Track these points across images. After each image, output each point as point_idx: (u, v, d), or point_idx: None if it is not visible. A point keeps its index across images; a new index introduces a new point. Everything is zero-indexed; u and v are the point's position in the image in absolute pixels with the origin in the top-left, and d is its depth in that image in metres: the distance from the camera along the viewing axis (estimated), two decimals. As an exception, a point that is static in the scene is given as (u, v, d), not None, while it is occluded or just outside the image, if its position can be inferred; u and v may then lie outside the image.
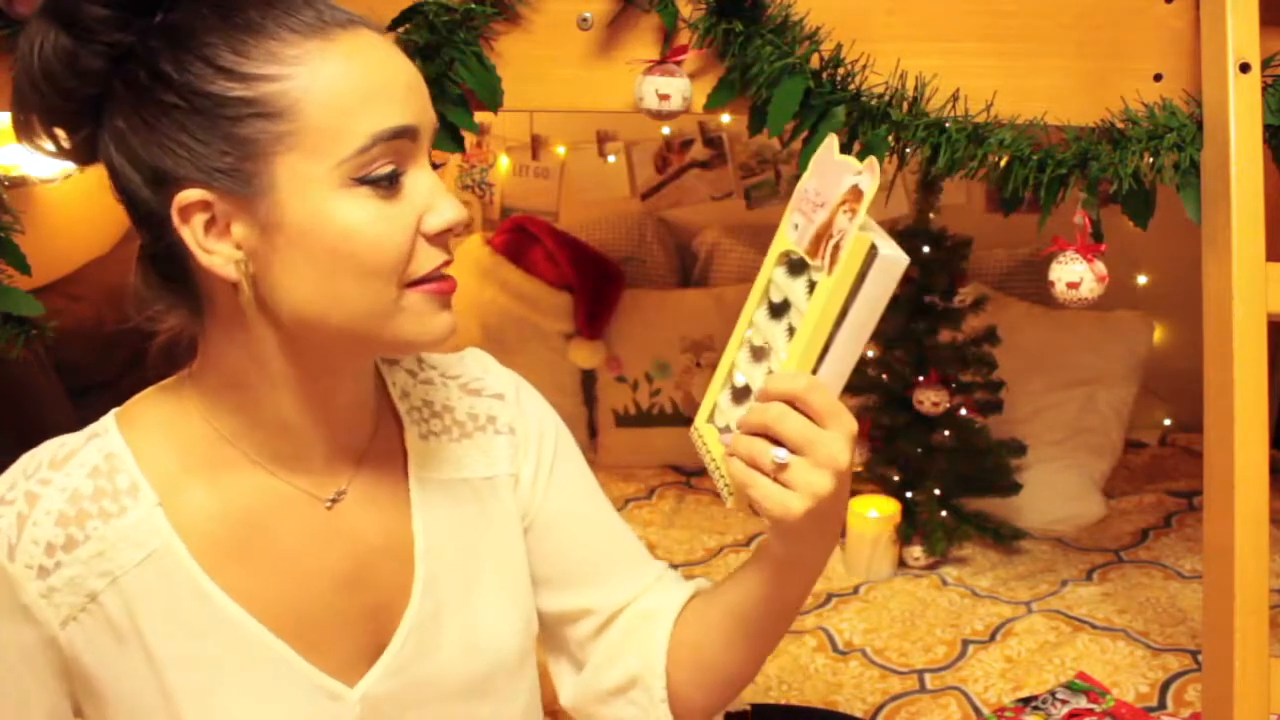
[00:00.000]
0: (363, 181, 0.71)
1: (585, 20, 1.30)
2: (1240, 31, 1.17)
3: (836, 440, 0.72)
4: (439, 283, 0.76)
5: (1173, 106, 1.26)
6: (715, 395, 0.84)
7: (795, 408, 0.72)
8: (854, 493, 2.17)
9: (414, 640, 0.85)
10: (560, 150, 2.93)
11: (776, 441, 0.73)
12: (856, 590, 2.04)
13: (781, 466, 0.72)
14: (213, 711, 0.78)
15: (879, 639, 1.86)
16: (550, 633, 0.98)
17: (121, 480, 0.78)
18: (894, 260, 0.72)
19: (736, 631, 0.88)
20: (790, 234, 0.80)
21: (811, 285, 0.76)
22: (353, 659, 0.83)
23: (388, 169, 0.71)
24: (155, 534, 0.77)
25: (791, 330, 0.77)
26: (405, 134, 0.72)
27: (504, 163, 2.97)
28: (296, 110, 0.69)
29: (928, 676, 1.75)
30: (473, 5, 1.25)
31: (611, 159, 2.91)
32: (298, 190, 0.70)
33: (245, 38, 0.70)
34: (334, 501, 0.83)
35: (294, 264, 0.72)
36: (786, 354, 0.76)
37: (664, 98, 1.27)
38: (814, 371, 0.74)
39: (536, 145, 2.94)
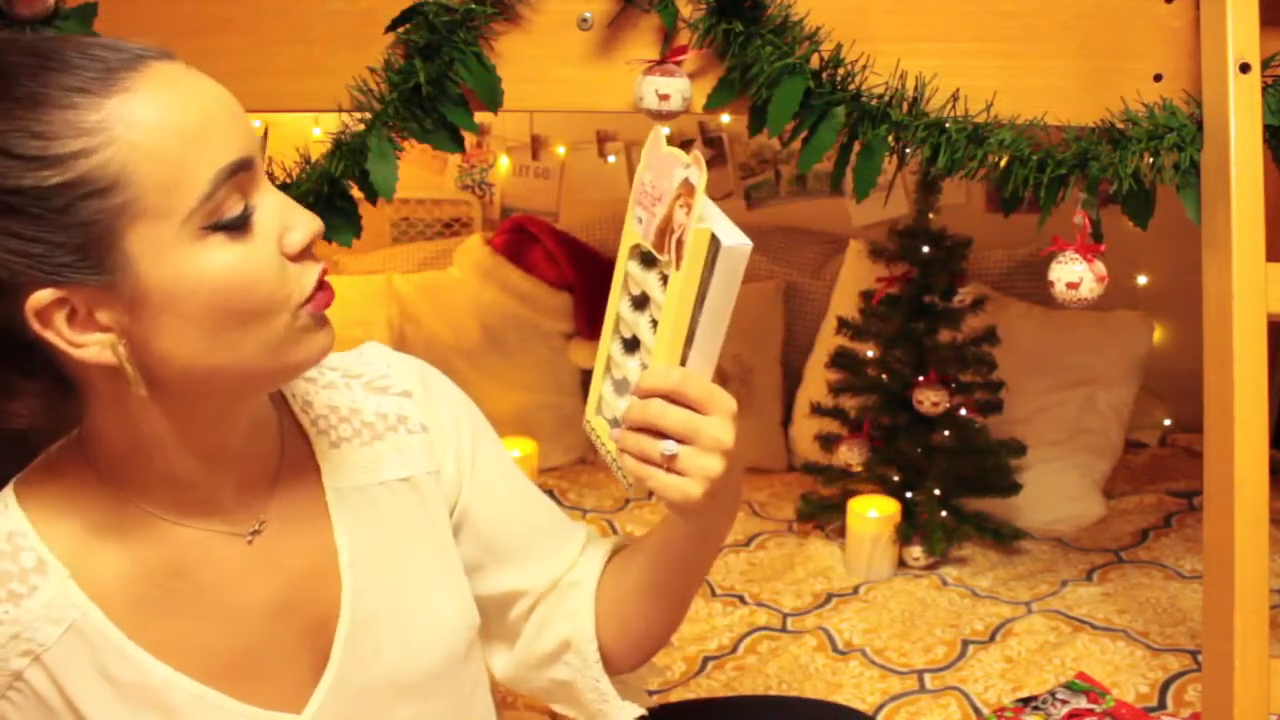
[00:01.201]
0: (216, 228, 0.67)
1: (585, 20, 1.30)
2: (1240, 31, 1.17)
3: (717, 423, 0.76)
4: (322, 293, 0.75)
5: (1173, 106, 1.26)
6: (599, 387, 0.87)
7: (673, 400, 0.77)
8: (854, 492, 2.17)
9: (351, 653, 0.84)
10: (560, 150, 2.94)
11: (662, 434, 0.77)
12: (856, 590, 2.04)
13: (671, 457, 0.77)
14: None
15: (879, 639, 1.86)
16: (485, 616, 0.97)
17: (26, 559, 0.75)
18: (737, 248, 0.75)
19: (653, 595, 0.93)
20: (636, 227, 0.82)
21: (664, 279, 0.79)
22: (297, 685, 0.83)
23: (238, 209, 0.69)
24: (71, 606, 0.75)
25: (654, 323, 0.80)
26: (244, 166, 0.69)
27: (504, 163, 2.97)
28: (125, 176, 0.64)
29: (928, 676, 1.75)
30: (473, 5, 1.25)
31: (611, 159, 2.91)
32: (154, 258, 0.66)
33: (37, 115, 0.63)
34: (254, 534, 0.82)
35: (172, 329, 0.69)
36: (653, 348, 0.80)
37: (664, 98, 1.27)
38: (682, 361, 0.78)
39: (536, 145, 2.94)
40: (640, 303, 0.83)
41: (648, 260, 0.81)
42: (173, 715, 0.77)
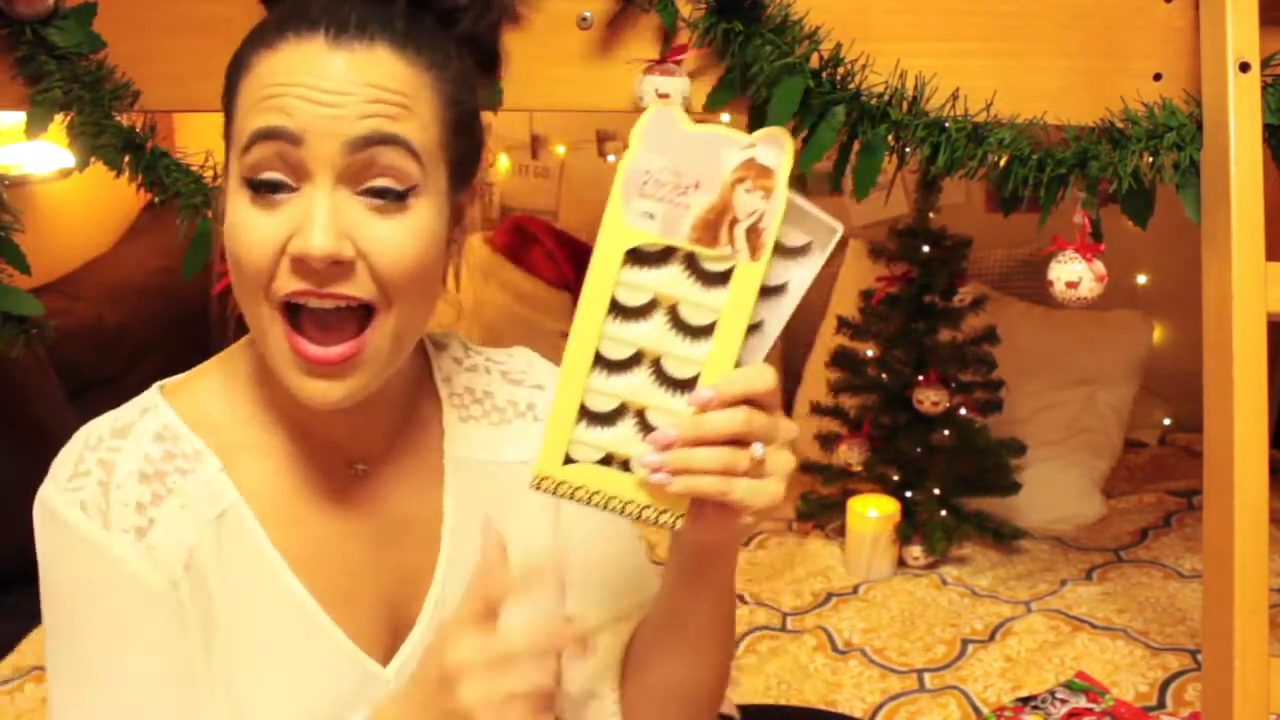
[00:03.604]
0: (248, 184, 0.71)
1: (585, 20, 1.30)
2: (1240, 31, 1.17)
3: (784, 418, 0.72)
4: (301, 342, 0.72)
5: (1172, 106, 1.26)
6: (566, 433, 0.72)
7: (750, 402, 0.70)
8: (854, 492, 2.17)
9: (438, 618, 0.85)
10: (560, 150, 2.94)
11: (734, 442, 0.70)
12: (856, 590, 2.04)
13: (760, 462, 0.70)
14: (259, 683, 0.78)
15: (879, 639, 1.86)
16: None
17: (185, 446, 0.79)
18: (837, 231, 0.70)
19: (672, 645, 0.86)
20: (637, 224, 0.70)
21: (712, 276, 0.70)
22: (379, 631, 0.84)
23: (267, 175, 0.71)
24: (225, 494, 0.79)
25: (683, 327, 0.71)
26: (278, 136, 0.70)
27: (504, 162, 2.97)
28: (234, 115, 0.74)
29: (927, 676, 1.75)
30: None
31: (611, 159, 2.91)
32: (230, 185, 0.74)
33: (250, 41, 0.74)
34: (365, 470, 0.84)
35: (225, 245, 0.75)
36: (713, 348, 0.70)
37: (664, 97, 1.27)
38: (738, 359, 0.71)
39: (536, 145, 2.94)
40: (642, 311, 0.72)
41: (659, 259, 0.71)
42: (289, 630, 0.80)
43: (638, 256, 0.71)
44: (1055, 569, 2.08)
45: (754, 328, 0.72)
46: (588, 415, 0.72)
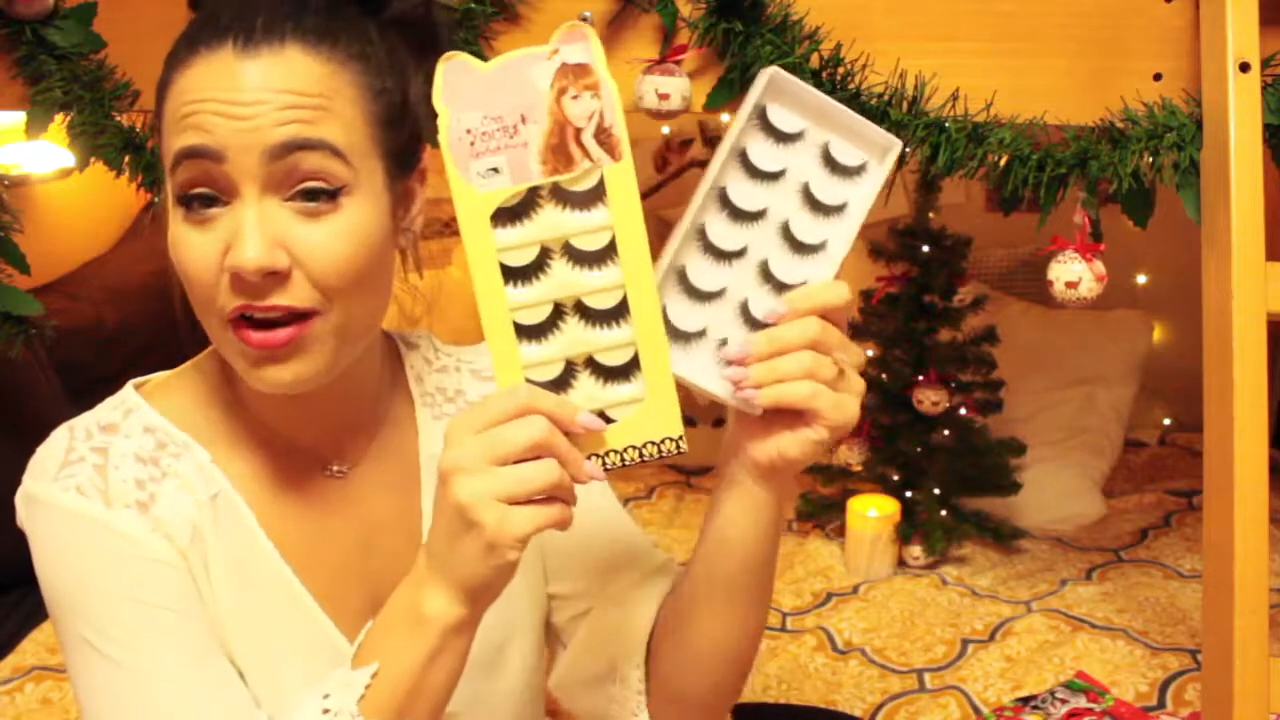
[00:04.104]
0: (180, 201, 0.71)
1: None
2: (1240, 31, 1.17)
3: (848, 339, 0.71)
4: (246, 332, 0.71)
5: (1172, 106, 1.26)
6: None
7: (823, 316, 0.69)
8: (854, 492, 2.17)
9: None
10: (560, 150, 2.94)
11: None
12: (856, 590, 2.04)
13: (841, 371, 0.69)
14: (253, 668, 0.78)
15: (878, 638, 1.86)
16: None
17: (175, 436, 0.80)
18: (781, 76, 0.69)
19: (721, 593, 0.82)
20: (486, 185, 0.65)
21: (585, 196, 0.66)
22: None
23: (196, 192, 0.70)
24: (217, 479, 0.79)
25: (584, 258, 0.67)
26: (200, 154, 0.69)
27: (504, 162, 2.97)
28: (160, 129, 0.73)
29: (927, 676, 1.75)
30: (473, 5, 1.25)
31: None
32: (170, 203, 0.73)
33: (169, 60, 0.74)
34: (342, 472, 0.84)
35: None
36: (624, 262, 0.67)
37: (663, 97, 1.27)
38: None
39: (536, 145, 2.95)
40: (538, 266, 0.67)
41: (521, 212, 0.66)
42: (282, 618, 0.80)
43: (505, 215, 0.66)
44: (1055, 569, 2.08)
45: (818, 247, 0.71)
46: (542, 387, 0.68)
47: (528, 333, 0.67)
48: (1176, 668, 1.71)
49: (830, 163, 0.72)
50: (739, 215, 0.71)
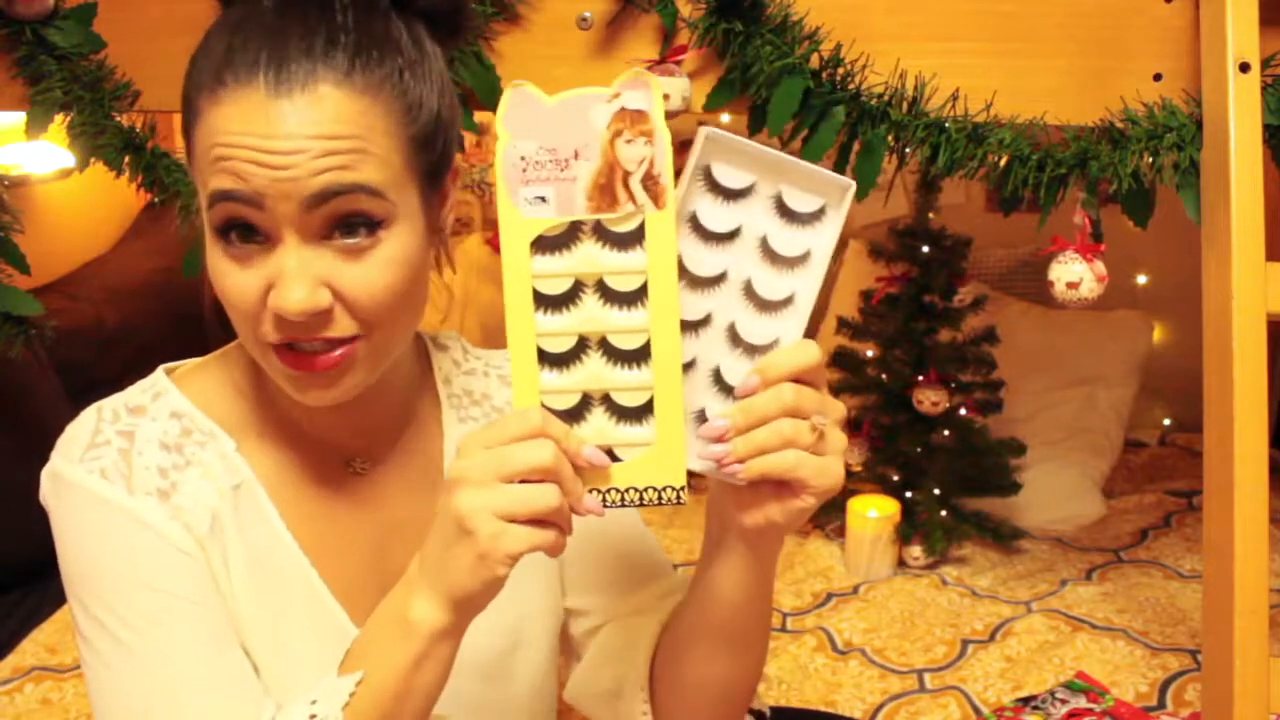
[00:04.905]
0: (219, 234, 0.71)
1: (585, 20, 1.30)
2: (1240, 31, 1.17)
3: (830, 397, 0.70)
4: (290, 356, 0.72)
5: (1173, 106, 1.26)
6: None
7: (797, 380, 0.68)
8: (854, 492, 2.17)
9: None
10: (560, 150, 2.93)
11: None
12: (856, 590, 2.04)
13: (820, 435, 0.68)
14: (268, 660, 0.79)
15: (879, 639, 1.86)
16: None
17: (201, 423, 0.80)
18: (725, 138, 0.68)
19: (711, 640, 0.83)
20: (532, 212, 0.67)
21: (625, 238, 0.67)
22: None
23: (235, 233, 0.70)
24: (241, 469, 0.80)
25: (615, 298, 0.68)
26: (236, 199, 0.69)
27: (504, 162, 2.96)
28: (192, 157, 0.72)
29: (927, 676, 1.75)
30: (473, 5, 1.25)
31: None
32: (205, 220, 0.73)
33: (198, 75, 0.71)
34: (365, 469, 0.85)
35: None
36: (653, 308, 0.67)
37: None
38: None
39: (536, 145, 2.94)
40: (569, 297, 0.69)
41: (566, 241, 0.68)
42: (301, 611, 0.80)
43: (546, 244, 0.68)
44: (1055, 569, 2.08)
45: (785, 302, 0.70)
46: (556, 417, 0.70)
47: (550, 360, 0.68)
48: (1176, 668, 1.71)
49: (786, 213, 0.71)
50: (698, 282, 0.70)
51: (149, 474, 0.76)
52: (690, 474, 0.70)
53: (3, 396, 2.18)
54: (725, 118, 2.81)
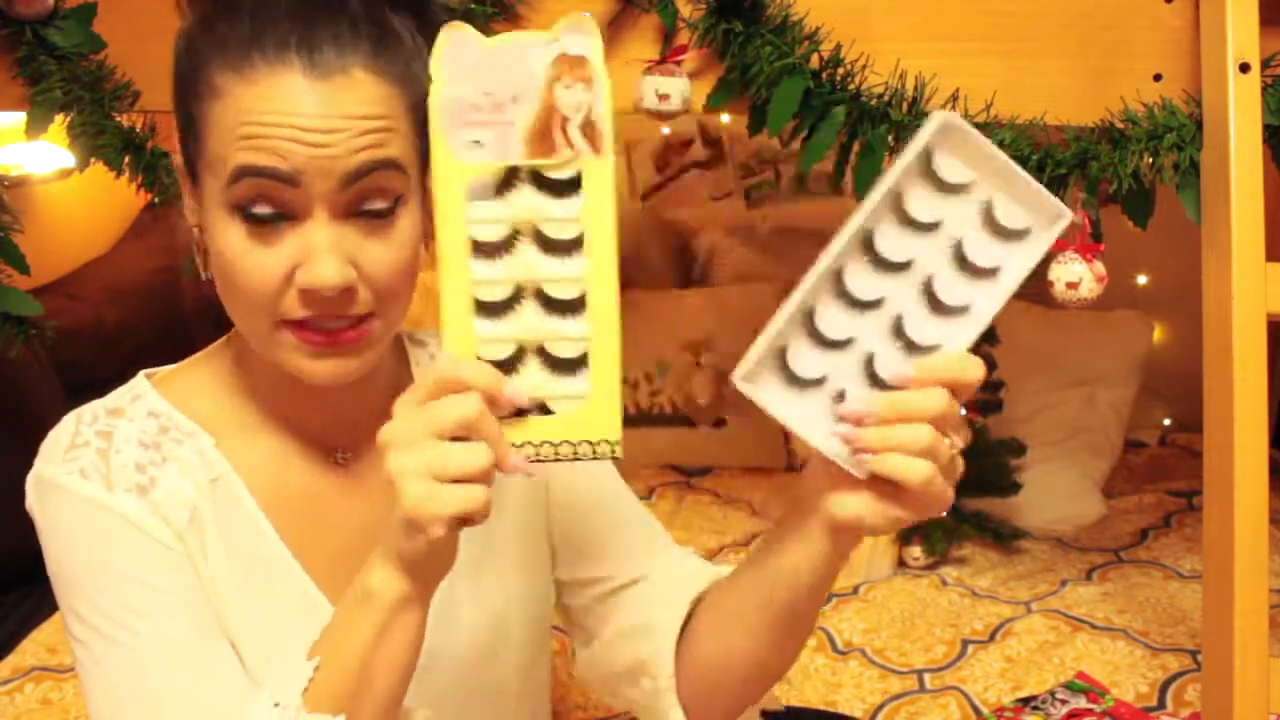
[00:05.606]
0: (238, 212, 0.72)
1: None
2: (1240, 31, 1.17)
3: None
4: (309, 332, 0.74)
5: (1173, 106, 1.26)
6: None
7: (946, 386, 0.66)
8: (854, 492, 2.17)
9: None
10: (560, 150, 2.94)
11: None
12: (856, 590, 2.04)
13: (953, 457, 0.66)
14: (260, 648, 0.79)
15: (878, 639, 1.86)
16: (559, 600, 0.98)
17: (179, 422, 0.82)
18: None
19: (764, 623, 0.81)
20: (467, 156, 0.66)
21: (561, 185, 0.66)
22: None
23: (260, 210, 0.71)
24: (219, 464, 0.81)
25: (552, 246, 0.67)
26: (271, 176, 0.70)
27: (504, 162, 2.97)
28: (205, 135, 0.73)
29: (927, 676, 1.75)
30: (473, 5, 1.25)
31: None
32: (208, 201, 0.74)
33: (208, 51, 0.73)
34: (345, 459, 0.86)
35: (214, 260, 0.76)
36: (589, 258, 0.65)
37: (663, 98, 1.27)
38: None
39: (536, 145, 2.95)
40: (506, 245, 0.67)
41: (497, 188, 0.66)
42: (282, 602, 0.81)
43: (482, 189, 0.66)
44: (1055, 569, 2.08)
45: (961, 310, 0.68)
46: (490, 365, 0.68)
47: (485, 309, 0.67)
48: (1177, 668, 1.70)
49: (990, 222, 0.68)
50: (883, 264, 0.68)
51: (127, 471, 0.78)
52: (688, 472, 0.70)
53: (3, 396, 2.18)
54: (725, 118, 2.81)
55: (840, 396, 0.68)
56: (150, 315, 2.72)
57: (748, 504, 2.35)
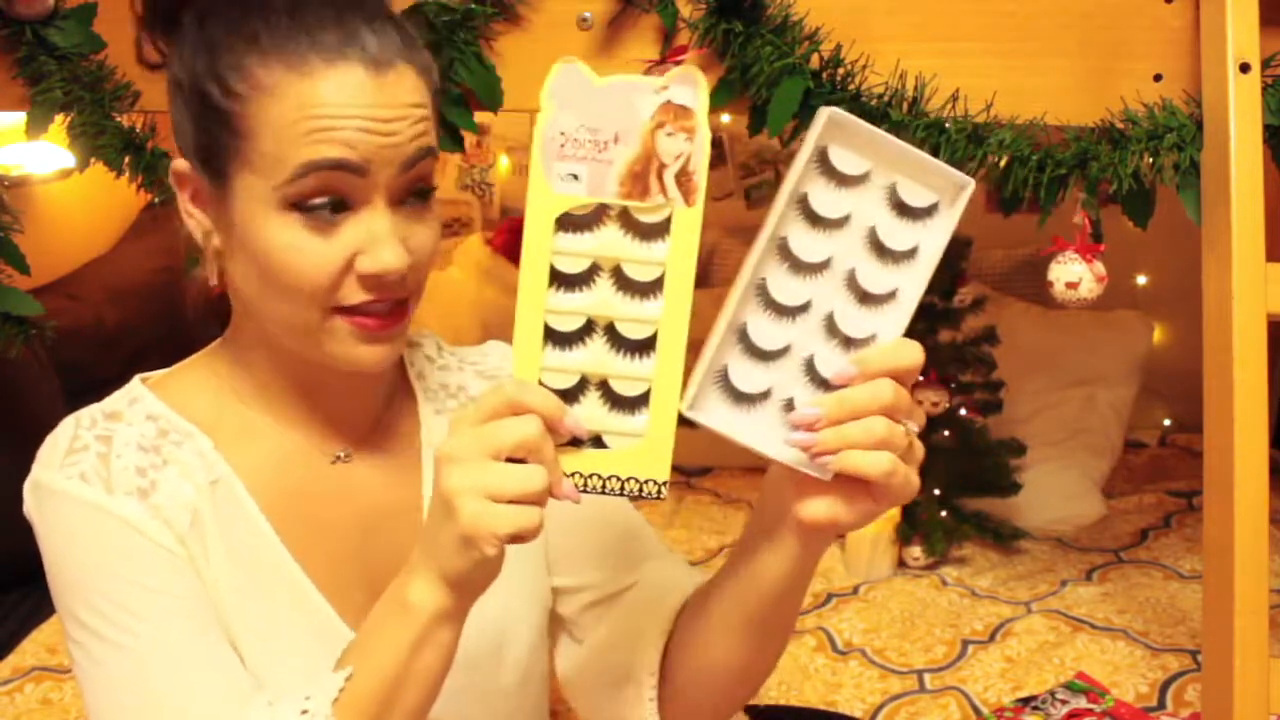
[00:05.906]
0: (296, 208, 0.73)
1: (585, 20, 1.30)
2: (1240, 31, 1.18)
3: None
4: (364, 318, 0.76)
5: (1173, 106, 1.26)
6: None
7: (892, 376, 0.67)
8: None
9: None
10: (560, 150, 2.94)
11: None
12: (856, 590, 2.04)
13: (911, 442, 0.67)
14: (253, 654, 0.79)
15: (879, 639, 1.86)
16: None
17: (177, 424, 0.82)
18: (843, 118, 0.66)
19: (744, 627, 0.82)
20: (562, 188, 0.67)
21: (649, 229, 0.67)
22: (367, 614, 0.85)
23: (320, 200, 0.73)
24: (218, 465, 0.81)
25: (630, 286, 0.67)
26: (341, 167, 0.72)
27: (504, 163, 2.97)
28: (252, 133, 0.73)
29: (927, 676, 1.75)
30: (473, 5, 1.25)
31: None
32: (246, 201, 0.74)
33: (243, 49, 0.73)
34: (344, 459, 0.86)
35: (241, 263, 0.77)
36: (665, 303, 0.66)
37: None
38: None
39: (536, 145, 2.95)
40: (585, 278, 0.68)
41: (586, 223, 0.68)
42: (282, 604, 0.81)
43: (570, 222, 0.68)
44: (1055, 569, 2.08)
45: (887, 297, 0.69)
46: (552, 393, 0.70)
47: (555, 338, 0.68)
48: (1176, 668, 1.70)
49: (898, 205, 0.68)
50: (801, 267, 0.68)
51: (127, 474, 0.77)
52: (688, 472, 0.70)
53: (3, 397, 2.18)
54: (725, 118, 2.81)
55: (789, 405, 0.69)
56: (150, 315, 2.72)
57: (748, 504, 2.35)
